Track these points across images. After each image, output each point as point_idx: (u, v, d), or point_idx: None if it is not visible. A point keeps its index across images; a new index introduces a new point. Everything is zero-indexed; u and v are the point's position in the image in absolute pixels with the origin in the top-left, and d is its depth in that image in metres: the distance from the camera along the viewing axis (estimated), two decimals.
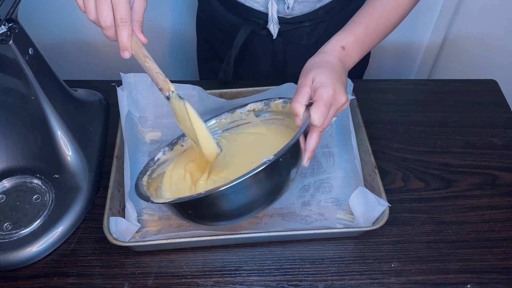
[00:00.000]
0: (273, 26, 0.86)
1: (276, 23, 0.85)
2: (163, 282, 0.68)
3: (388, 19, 0.70)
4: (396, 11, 0.70)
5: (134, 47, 0.61)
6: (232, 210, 0.62)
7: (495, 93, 0.94)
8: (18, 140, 0.74)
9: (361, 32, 0.68)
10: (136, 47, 0.62)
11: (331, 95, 0.61)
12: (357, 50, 0.68)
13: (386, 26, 0.71)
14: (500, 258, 0.71)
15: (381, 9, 0.70)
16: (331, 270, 0.69)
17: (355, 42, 0.68)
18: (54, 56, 1.34)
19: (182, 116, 0.66)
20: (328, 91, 0.61)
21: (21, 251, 0.68)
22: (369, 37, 0.69)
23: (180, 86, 0.84)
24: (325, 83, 0.61)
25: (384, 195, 0.71)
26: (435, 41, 1.38)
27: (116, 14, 0.57)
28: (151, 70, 0.64)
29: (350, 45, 0.67)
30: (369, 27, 0.69)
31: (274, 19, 0.85)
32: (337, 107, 0.63)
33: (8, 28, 0.65)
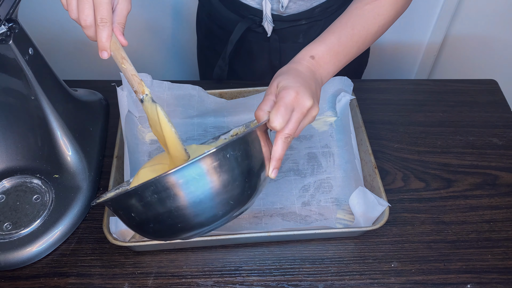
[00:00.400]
0: (267, 24, 0.86)
1: (270, 21, 0.85)
2: (163, 282, 0.68)
3: (366, 28, 0.67)
4: (375, 21, 0.68)
5: (113, 48, 0.61)
6: (180, 209, 0.54)
7: (495, 93, 0.94)
8: (18, 140, 0.74)
9: (333, 42, 0.66)
10: (114, 48, 0.61)
11: (292, 97, 0.58)
12: (329, 60, 0.65)
13: (363, 36, 0.68)
14: (500, 258, 0.71)
15: (357, 18, 0.67)
16: (331, 270, 0.69)
17: (326, 52, 0.65)
18: (54, 56, 1.34)
19: (153, 120, 0.64)
20: (289, 93, 0.58)
21: (21, 251, 0.68)
22: (343, 46, 0.66)
23: (180, 86, 0.84)
24: (287, 86, 0.59)
25: (384, 195, 0.71)
26: (435, 41, 1.38)
27: (96, 14, 0.57)
28: (127, 72, 0.63)
29: (321, 54, 0.65)
30: (343, 37, 0.66)
31: (268, 17, 0.85)
32: (301, 111, 0.58)
33: (8, 28, 0.65)
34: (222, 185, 0.55)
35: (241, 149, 0.55)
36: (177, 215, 0.54)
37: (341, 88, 0.86)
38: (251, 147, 0.57)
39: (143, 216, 0.55)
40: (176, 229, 0.56)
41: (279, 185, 0.78)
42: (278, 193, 0.77)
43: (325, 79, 0.66)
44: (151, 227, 0.56)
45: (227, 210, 0.56)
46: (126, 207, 0.55)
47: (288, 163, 0.81)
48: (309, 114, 0.60)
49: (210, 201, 0.55)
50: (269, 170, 0.59)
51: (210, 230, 0.58)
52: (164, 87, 0.84)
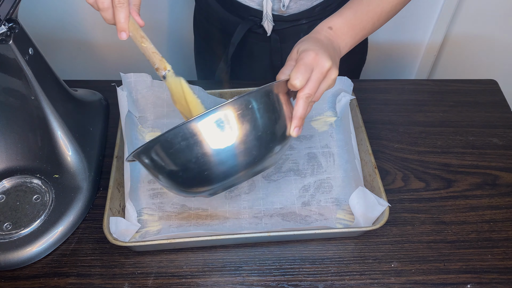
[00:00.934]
0: (267, 24, 0.86)
1: (270, 20, 0.85)
2: (163, 282, 0.68)
3: (380, 6, 0.70)
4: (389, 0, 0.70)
5: (131, 28, 0.62)
6: (208, 156, 0.57)
7: (495, 93, 0.94)
8: (18, 140, 0.74)
9: (349, 16, 0.68)
10: (133, 29, 0.62)
11: (311, 57, 0.60)
12: (346, 31, 0.68)
13: (378, 12, 0.70)
14: (500, 258, 0.71)
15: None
16: (331, 270, 0.69)
17: (344, 24, 0.68)
18: (54, 56, 1.34)
19: (178, 94, 0.66)
20: (309, 53, 0.60)
21: (21, 251, 0.68)
22: (359, 20, 0.69)
23: None
24: (307, 48, 0.62)
25: (384, 195, 0.71)
26: (435, 41, 1.38)
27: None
28: (147, 50, 0.64)
29: (338, 26, 0.68)
30: (359, 12, 0.69)
31: (268, 16, 0.85)
32: (321, 71, 0.61)
33: (8, 28, 0.65)
34: (245, 134, 0.57)
35: (262, 102, 0.58)
36: (203, 161, 0.57)
37: (341, 88, 0.86)
38: (272, 102, 0.59)
39: (173, 163, 0.59)
40: (203, 178, 0.59)
41: (279, 185, 0.78)
42: (278, 193, 0.77)
43: (343, 49, 0.68)
44: (180, 176, 0.60)
45: (250, 161, 0.59)
46: (157, 155, 0.59)
47: (288, 163, 0.81)
48: (328, 76, 0.62)
49: (233, 149, 0.57)
50: (291, 128, 0.61)
51: (234, 183, 0.61)
52: (164, 87, 0.84)
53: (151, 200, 0.76)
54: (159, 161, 0.60)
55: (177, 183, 0.61)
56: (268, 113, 0.59)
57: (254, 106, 0.57)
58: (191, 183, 0.61)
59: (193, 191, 0.63)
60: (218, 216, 0.75)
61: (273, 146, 0.60)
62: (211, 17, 0.95)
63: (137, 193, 0.76)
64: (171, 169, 0.60)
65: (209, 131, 0.56)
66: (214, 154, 0.57)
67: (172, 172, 0.60)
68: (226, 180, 0.60)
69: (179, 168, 0.59)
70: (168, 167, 0.59)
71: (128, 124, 0.80)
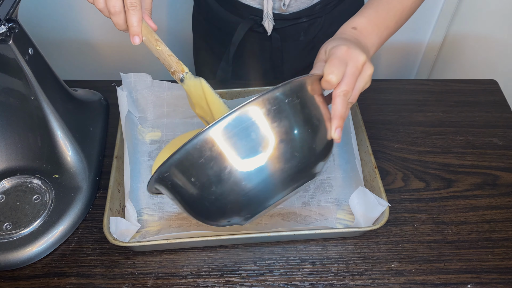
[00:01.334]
0: (267, 23, 0.86)
1: (271, 19, 0.85)
2: (163, 282, 0.68)
3: (401, 2, 0.68)
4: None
5: (144, 32, 0.61)
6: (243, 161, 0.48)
7: (495, 93, 0.94)
8: (18, 140, 0.74)
9: (371, 15, 0.66)
10: (146, 32, 0.61)
11: (344, 51, 0.56)
12: (371, 31, 0.65)
13: (400, 9, 0.68)
14: (500, 258, 0.71)
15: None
16: (331, 270, 0.69)
17: (367, 23, 0.65)
18: (54, 56, 1.34)
19: (197, 97, 0.62)
20: (340, 48, 0.56)
21: (21, 251, 0.68)
22: (382, 19, 0.66)
23: (180, 86, 0.84)
24: (337, 45, 0.57)
25: (384, 195, 0.71)
26: (435, 41, 1.38)
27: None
28: (163, 53, 0.62)
29: (362, 26, 0.65)
30: (380, 10, 0.67)
31: (269, 15, 0.85)
32: (356, 65, 0.56)
33: (8, 28, 0.65)
34: (284, 132, 0.49)
35: (299, 96, 0.51)
36: (241, 170, 0.48)
37: None
38: (309, 96, 0.52)
39: (205, 175, 0.49)
40: (242, 194, 0.49)
41: None
42: None
43: (371, 49, 0.65)
44: (213, 191, 0.50)
45: (293, 166, 0.50)
46: (185, 169, 0.49)
47: None
48: (364, 71, 0.57)
49: (272, 151, 0.49)
50: (332, 130, 0.55)
51: (273, 198, 0.52)
52: (164, 87, 0.84)
53: (151, 200, 0.76)
54: (188, 178, 0.50)
55: (211, 207, 0.52)
56: (306, 109, 0.52)
57: (290, 101, 0.49)
58: (225, 203, 0.51)
59: (229, 214, 0.54)
60: None
61: (315, 147, 0.53)
62: (211, 17, 0.95)
63: (137, 193, 0.76)
64: (202, 183, 0.50)
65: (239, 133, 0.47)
66: (249, 159, 0.48)
67: (204, 187, 0.50)
68: (266, 194, 0.51)
69: (212, 181, 0.49)
70: (199, 182, 0.50)
71: (128, 124, 0.80)
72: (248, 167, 0.49)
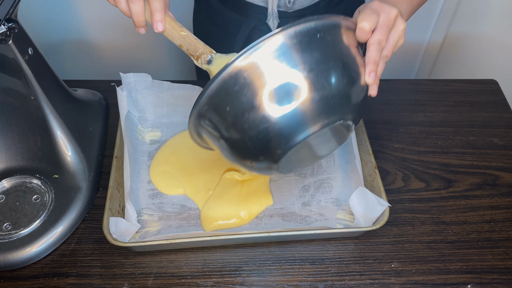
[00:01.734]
0: (272, 21, 0.86)
1: (276, 17, 0.85)
2: (163, 282, 0.68)
3: None
4: None
5: (168, 19, 0.60)
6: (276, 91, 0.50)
7: (495, 93, 0.94)
8: (18, 140, 0.74)
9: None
10: (169, 19, 0.60)
11: (376, 4, 0.57)
12: (400, 0, 0.63)
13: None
14: (500, 258, 0.71)
15: None
16: (331, 271, 0.69)
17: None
18: (54, 56, 1.34)
19: None
20: (373, 2, 0.57)
21: (20, 251, 0.68)
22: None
23: (180, 86, 0.84)
24: (368, 3, 0.58)
25: (384, 195, 0.71)
26: (435, 41, 1.38)
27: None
28: (188, 37, 0.61)
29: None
30: None
31: (274, 13, 0.84)
32: (388, 17, 0.56)
33: (8, 28, 0.65)
34: (315, 62, 0.51)
35: (331, 34, 0.52)
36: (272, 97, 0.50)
37: None
38: (340, 36, 0.53)
39: (239, 103, 0.51)
40: (272, 121, 0.51)
41: (279, 185, 0.78)
42: (278, 193, 0.77)
43: (403, 15, 0.64)
44: (245, 119, 0.52)
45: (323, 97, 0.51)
46: (220, 99, 0.52)
47: None
48: (397, 24, 0.57)
49: (304, 79, 0.50)
50: (366, 75, 0.55)
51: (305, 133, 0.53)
52: (164, 87, 0.84)
53: (151, 200, 0.76)
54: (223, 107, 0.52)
55: (244, 138, 0.54)
56: (339, 46, 0.53)
57: (321, 36, 0.50)
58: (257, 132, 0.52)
59: (261, 147, 0.54)
60: None
61: (346, 85, 0.53)
62: (212, 16, 0.95)
63: (137, 194, 0.76)
64: (236, 112, 0.52)
65: (270, 61, 0.49)
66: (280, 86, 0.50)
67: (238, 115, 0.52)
68: (296, 124, 0.52)
69: (245, 108, 0.51)
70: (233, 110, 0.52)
71: (128, 124, 0.80)
72: (278, 95, 0.51)
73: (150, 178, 0.78)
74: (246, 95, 0.51)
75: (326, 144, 0.59)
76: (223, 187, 0.77)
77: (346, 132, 0.58)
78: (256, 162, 0.57)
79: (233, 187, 0.77)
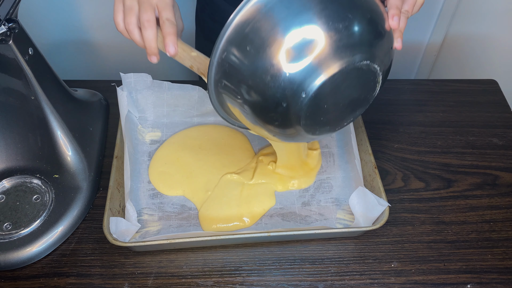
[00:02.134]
0: None
1: None
2: (163, 282, 0.68)
3: None
4: None
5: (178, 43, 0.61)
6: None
7: (495, 93, 0.94)
8: (18, 140, 0.74)
9: None
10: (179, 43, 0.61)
11: None
12: None
13: None
14: (500, 258, 0.71)
15: None
16: (331, 270, 0.69)
17: None
18: (54, 56, 1.34)
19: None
20: None
21: (21, 251, 0.68)
22: None
23: (180, 86, 0.84)
24: None
25: (384, 195, 0.71)
26: (435, 41, 1.38)
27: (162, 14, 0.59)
28: (199, 57, 0.61)
29: None
30: None
31: None
32: None
33: (8, 28, 0.65)
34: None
35: None
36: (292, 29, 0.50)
37: None
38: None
39: (259, 40, 0.50)
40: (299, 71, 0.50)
41: None
42: (278, 193, 0.77)
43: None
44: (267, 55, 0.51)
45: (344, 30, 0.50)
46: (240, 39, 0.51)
47: None
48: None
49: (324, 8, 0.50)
50: (389, 18, 0.55)
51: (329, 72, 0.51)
52: (164, 87, 0.84)
53: (151, 200, 0.76)
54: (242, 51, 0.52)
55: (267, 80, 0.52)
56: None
57: None
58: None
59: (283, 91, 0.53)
60: None
61: (369, 23, 0.53)
62: (216, 15, 0.94)
63: (137, 193, 0.76)
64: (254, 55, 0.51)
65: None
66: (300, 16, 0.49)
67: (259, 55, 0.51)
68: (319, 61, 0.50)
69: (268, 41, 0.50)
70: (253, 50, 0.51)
71: (128, 124, 0.80)
72: (300, 27, 0.50)
73: (149, 178, 0.78)
74: (266, 30, 0.50)
75: (353, 95, 0.57)
76: (223, 188, 0.77)
77: (372, 83, 0.57)
78: (280, 116, 0.55)
79: (233, 189, 0.77)
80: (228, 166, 0.79)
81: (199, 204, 0.75)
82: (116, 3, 0.61)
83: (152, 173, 0.79)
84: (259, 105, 0.55)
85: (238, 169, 0.79)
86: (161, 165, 0.80)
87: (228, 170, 0.79)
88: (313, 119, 0.56)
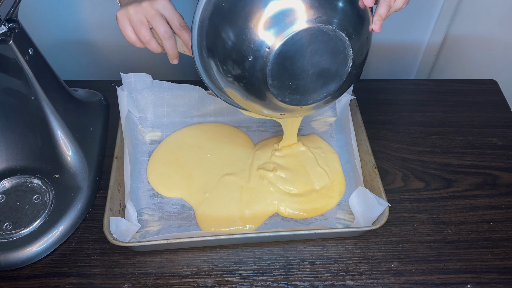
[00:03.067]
0: None
1: None
2: (163, 282, 0.68)
3: None
4: None
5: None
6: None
7: (495, 93, 0.94)
8: (18, 140, 0.74)
9: None
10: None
11: None
12: None
13: None
14: (500, 258, 0.71)
15: None
16: (331, 270, 0.69)
17: None
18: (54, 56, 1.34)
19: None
20: None
21: (21, 251, 0.68)
22: None
23: (180, 86, 0.84)
24: None
25: (384, 195, 0.71)
26: (435, 41, 1.38)
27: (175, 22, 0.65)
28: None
29: None
30: None
31: None
32: None
33: (8, 28, 0.65)
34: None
35: None
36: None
37: None
38: None
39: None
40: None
41: None
42: None
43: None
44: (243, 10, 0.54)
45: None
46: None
47: None
48: None
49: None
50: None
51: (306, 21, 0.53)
52: (164, 87, 0.84)
53: (151, 200, 0.76)
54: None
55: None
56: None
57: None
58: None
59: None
60: None
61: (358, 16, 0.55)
62: None
63: (137, 193, 0.76)
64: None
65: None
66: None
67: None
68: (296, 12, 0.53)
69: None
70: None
71: (128, 124, 0.80)
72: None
73: (148, 180, 0.78)
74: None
75: (322, 63, 0.57)
76: (221, 190, 0.76)
77: (342, 55, 0.57)
78: (247, 72, 0.56)
79: (232, 192, 0.76)
80: (229, 166, 0.79)
81: (196, 206, 0.75)
82: (120, 20, 0.63)
83: (151, 175, 0.79)
84: (230, 59, 0.56)
85: (237, 168, 0.79)
86: (160, 166, 0.80)
87: (229, 169, 0.79)
88: (280, 81, 0.56)
